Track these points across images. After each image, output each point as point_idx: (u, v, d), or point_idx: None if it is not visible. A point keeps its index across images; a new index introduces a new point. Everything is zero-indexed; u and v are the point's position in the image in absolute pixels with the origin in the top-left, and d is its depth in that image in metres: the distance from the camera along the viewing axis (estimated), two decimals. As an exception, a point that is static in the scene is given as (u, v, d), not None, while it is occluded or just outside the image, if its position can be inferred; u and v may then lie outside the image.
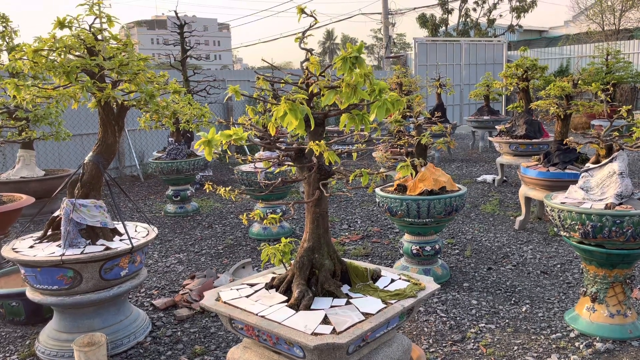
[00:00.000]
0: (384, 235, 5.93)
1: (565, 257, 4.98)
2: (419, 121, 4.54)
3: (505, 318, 3.76)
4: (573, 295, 4.11)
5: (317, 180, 2.29)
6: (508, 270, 4.71)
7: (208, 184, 2.36)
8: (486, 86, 11.07)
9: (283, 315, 2.15)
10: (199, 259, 5.33)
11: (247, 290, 2.44)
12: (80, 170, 3.56)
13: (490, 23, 25.46)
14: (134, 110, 4.36)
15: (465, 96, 16.86)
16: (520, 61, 7.53)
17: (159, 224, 6.78)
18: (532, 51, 20.27)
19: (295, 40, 2.34)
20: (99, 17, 3.40)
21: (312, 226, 2.38)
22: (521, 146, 7.57)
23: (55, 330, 3.47)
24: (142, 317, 3.76)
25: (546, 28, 38.39)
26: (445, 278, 4.49)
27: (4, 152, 8.96)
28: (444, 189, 4.36)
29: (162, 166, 6.93)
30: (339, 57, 2.12)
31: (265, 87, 2.46)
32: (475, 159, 11.34)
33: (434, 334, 3.57)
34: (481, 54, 17.73)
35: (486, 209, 6.92)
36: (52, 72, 3.10)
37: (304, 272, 2.33)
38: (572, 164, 5.44)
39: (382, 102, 2.11)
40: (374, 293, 2.34)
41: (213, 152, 2.12)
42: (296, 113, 2.03)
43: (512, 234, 5.83)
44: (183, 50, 9.23)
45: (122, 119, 3.63)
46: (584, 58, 18.55)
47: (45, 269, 3.20)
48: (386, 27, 22.08)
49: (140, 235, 3.66)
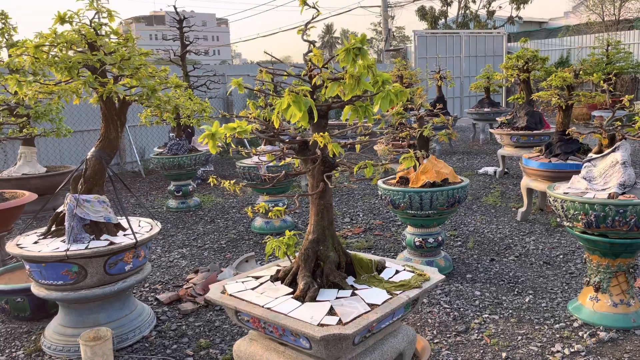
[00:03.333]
0: (386, 228, 5.94)
1: (568, 248, 4.99)
2: (421, 113, 4.53)
3: (508, 309, 3.77)
4: (576, 286, 4.12)
5: (322, 173, 2.29)
6: (511, 262, 4.72)
7: (212, 178, 2.37)
8: (486, 78, 11.05)
9: (289, 306, 2.16)
10: (202, 254, 5.34)
11: (253, 283, 2.44)
12: (83, 165, 3.56)
13: (489, 15, 25.36)
14: (134, 107, 4.36)
15: (466, 88, 16.83)
16: (521, 52, 7.51)
17: (162, 219, 6.79)
18: (532, 42, 20.20)
19: (297, 32, 2.34)
20: (100, 11, 3.39)
21: (316, 218, 2.38)
22: (522, 138, 7.56)
23: (60, 325, 3.49)
24: (147, 311, 3.78)
25: (546, 19, 38.28)
26: (448, 270, 4.50)
27: (5, 149, 8.96)
28: (446, 181, 4.36)
29: (163, 161, 6.93)
30: (341, 48, 2.12)
31: (267, 80, 2.45)
32: (477, 151, 11.34)
33: (438, 325, 3.58)
34: (481, 46, 17.67)
35: (488, 200, 6.93)
36: (54, 68, 3.10)
37: (309, 264, 2.34)
38: (574, 154, 5.43)
39: (385, 93, 2.11)
40: (379, 284, 2.35)
41: (216, 145, 2.13)
42: (300, 105, 2.03)
43: (514, 225, 5.84)
44: (182, 46, 9.21)
45: (124, 114, 3.63)
46: (585, 49, 18.49)
47: (50, 264, 3.21)
48: (385, 20, 22.01)
49: (143, 230, 3.67)
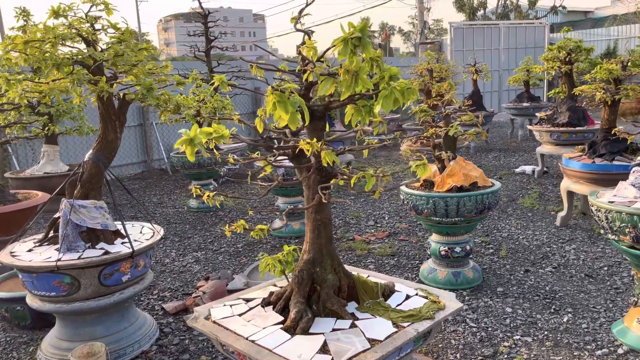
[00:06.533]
0: (412, 233, 5.57)
1: (613, 259, 4.50)
2: (447, 110, 4.15)
3: (543, 329, 3.37)
4: (622, 304, 3.66)
5: (317, 183, 1.98)
6: (548, 273, 4.28)
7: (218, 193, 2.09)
8: (526, 71, 10.45)
9: (276, 340, 1.86)
10: (216, 258, 5.11)
11: (242, 307, 2.16)
12: (80, 169, 3.36)
13: (531, 4, 24.35)
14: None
15: (504, 82, 16.11)
16: (563, 43, 6.96)
17: (181, 219, 6.62)
18: (576, 32, 19.24)
19: (291, 20, 2.02)
20: (95, 4, 3.16)
21: (312, 235, 2.07)
22: (563, 135, 7.02)
23: (57, 338, 3.30)
24: (149, 323, 3.55)
25: (592, 9, 36.56)
26: (477, 282, 4.11)
27: (34, 147, 9.00)
28: (475, 185, 3.97)
29: (183, 160, 6.75)
30: (338, 38, 1.80)
31: (260, 75, 2.15)
32: (514, 148, 10.74)
33: (462, 347, 3.21)
34: (521, 37, 16.90)
35: (525, 203, 6.45)
36: (43, 65, 2.89)
37: (303, 288, 2.03)
38: (621, 154, 4.92)
39: (389, 91, 1.77)
40: (385, 313, 2.02)
41: (194, 152, 1.84)
42: (286, 105, 1.72)
43: (552, 231, 5.37)
44: (207, 41, 9.02)
45: (123, 113, 3.40)
46: (633, 39, 17.44)
47: (42, 275, 3.02)
48: (421, 12, 21.40)
49: (145, 237, 3.44)
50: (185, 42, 10.40)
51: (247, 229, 1.89)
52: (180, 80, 3.45)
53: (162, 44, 71.54)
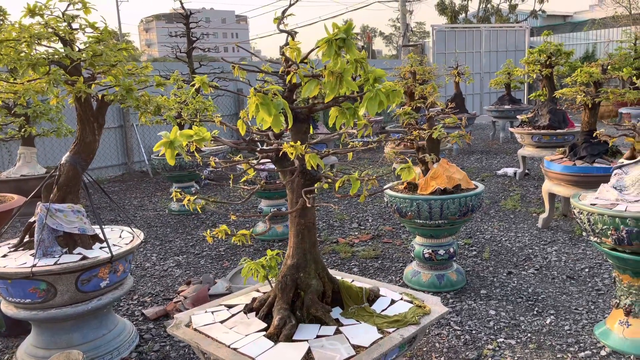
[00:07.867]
0: (396, 235, 5.56)
1: (594, 260, 4.55)
2: (431, 113, 4.14)
3: (526, 332, 3.38)
4: (603, 305, 3.69)
5: (301, 187, 1.94)
6: (530, 275, 4.30)
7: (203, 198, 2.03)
8: (507, 74, 10.56)
9: (258, 348, 1.82)
10: (198, 262, 5.03)
11: (224, 314, 2.10)
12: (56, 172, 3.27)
13: (512, 8, 24.67)
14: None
15: (486, 85, 16.27)
16: (543, 46, 7.03)
17: (162, 223, 6.52)
18: (556, 36, 19.52)
19: (274, 21, 1.98)
20: (72, 2, 3.08)
21: (296, 240, 2.03)
22: (544, 137, 7.09)
23: (32, 346, 3.20)
24: (129, 329, 3.47)
25: (571, 13, 37.18)
26: (461, 284, 4.11)
27: (10, 149, 8.80)
28: (458, 187, 3.97)
29: (164, 163, 6.65)
30: (322, 39, 1.77)
31: (242, 77, 2.10)
32: (496, 150, 10.84)
33: (447, 350, 3.20)
34: (502, 40, 17.09)
35: (507, 205, 6.49)
36: (18, 65, 2.80)
37: (286, 294, 1.99)
38: (601, 156, 4.97)
39: (374, 93, 1.75)
40: (370, 319, 1.99)
41: (174, 155, 1.79)
42: (269, 108, 1.68)
43: (534, 233, 5.40)
44: (189, 42, 8.92)
45: (102, 115, 3.32)
46: (611, 43, 17.75)
47: (16, 281, 2.92)
48: (403, 14, 21.47)
49: (124, 241, 3.36)
50: (166, 42, 10.28)
51: (229, 234, 1.84)
52: (161, 81, 3.39)
53: (144, 45, 70.84)
